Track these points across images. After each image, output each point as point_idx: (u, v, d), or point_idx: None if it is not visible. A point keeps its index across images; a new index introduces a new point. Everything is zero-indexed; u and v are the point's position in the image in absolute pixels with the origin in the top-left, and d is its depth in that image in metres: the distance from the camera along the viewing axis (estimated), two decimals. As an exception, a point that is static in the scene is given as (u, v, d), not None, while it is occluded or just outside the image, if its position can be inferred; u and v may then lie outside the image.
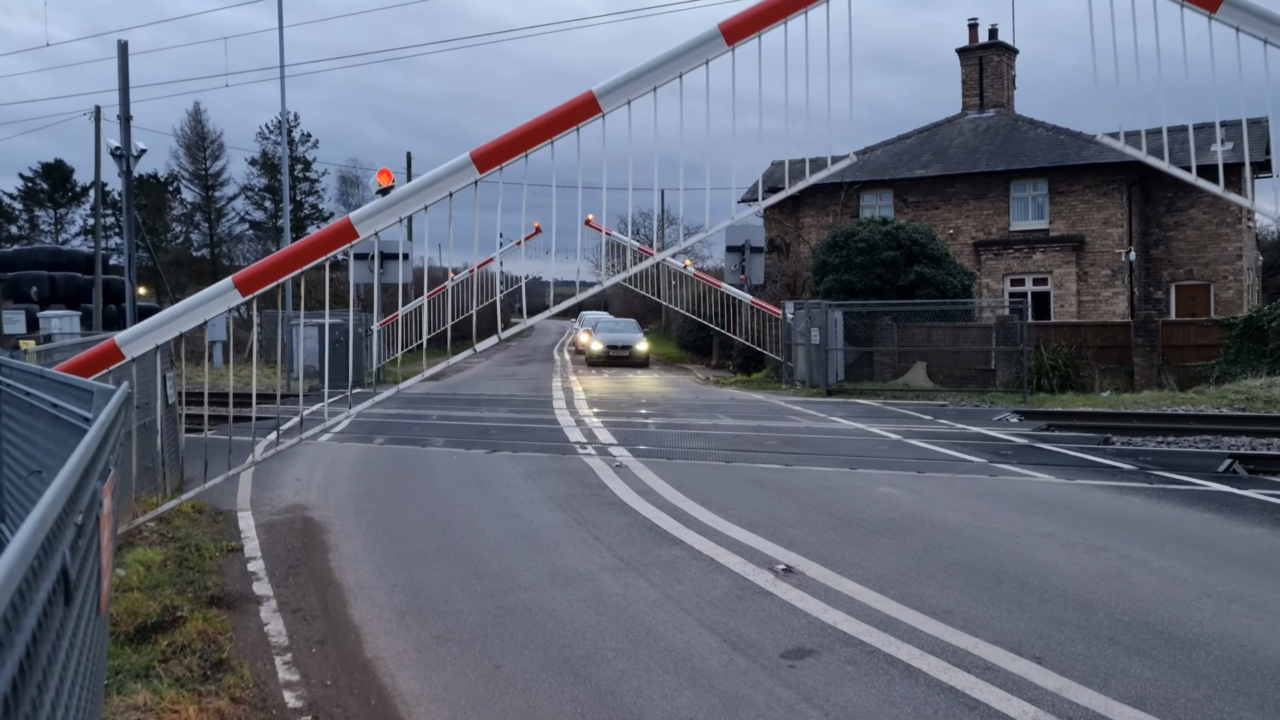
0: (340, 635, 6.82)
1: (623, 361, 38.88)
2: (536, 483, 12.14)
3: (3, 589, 1.22)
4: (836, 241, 29.02)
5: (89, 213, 74.14)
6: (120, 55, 32.90)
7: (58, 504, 1.78)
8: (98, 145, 38.65)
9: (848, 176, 37.44)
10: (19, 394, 4.83)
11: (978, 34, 38.06)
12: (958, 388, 23.80)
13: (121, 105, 32.91)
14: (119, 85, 32.91)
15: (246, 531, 9.85)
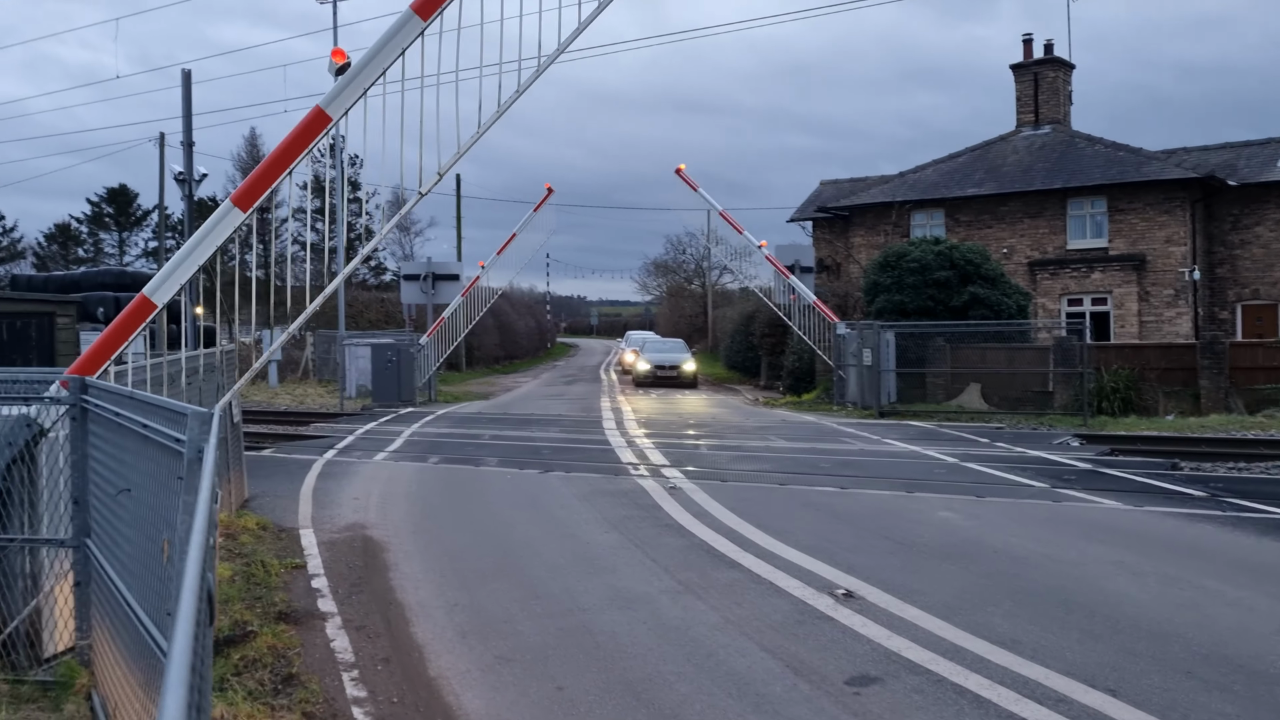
0: (404, 653, 6.86)
1: (670, 382, 38.57)
2: (591, 504, 12.16)
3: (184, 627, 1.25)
4: (888, 261, 28.85)
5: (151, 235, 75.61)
6: (184, 84, 33.57)
7: (207, 532, 1.82)
8: (161, 170, 39.47)
9: (898, 196, 37.26)
10: (108, 414, 4.93)
11: (1032, 49, 37.77)
12: (1014, 410, 23.51)
13: (185, 131, 33.57)
14: (182, 112, 33.57)
15: (309, 549, 9.95)
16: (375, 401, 29.31)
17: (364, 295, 55.45)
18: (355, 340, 33.34)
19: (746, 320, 42.74)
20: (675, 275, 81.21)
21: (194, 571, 1.51)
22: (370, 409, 27.86)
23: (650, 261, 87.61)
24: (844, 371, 27.26)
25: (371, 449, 17.95)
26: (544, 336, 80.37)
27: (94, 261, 72.52)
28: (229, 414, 10.82)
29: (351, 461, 16.34)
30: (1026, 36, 38.05)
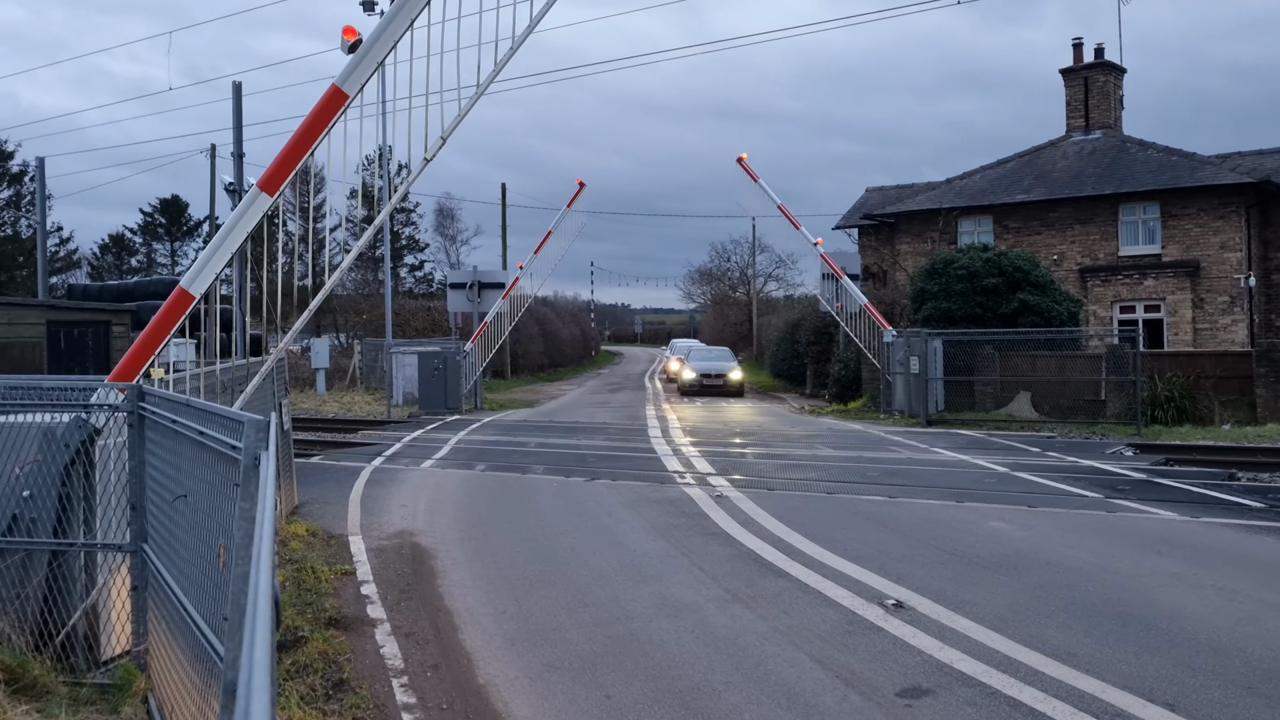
0: (453, 660, 6.89)
1: (716, 391, 38.08)
2: (637, 511, 12.15)
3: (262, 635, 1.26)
4: (935, 269, 28.60)
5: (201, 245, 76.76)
6: (235, 96, 34.05)
7: (272, 539, 1.84)
8: (212, 181, 40.07)
9: (946, 202, 36.95)
10: (164, 420, 4.99)
11: (1082, 53, 37.32)
12: (1065, 419, 23.20)
13: (235, 143, 34.03)
14: (233, 124, 34.03)
15: (358, 555, 10.03)
16: (422, 409, 29.51)
17: (410, 304, 55.94)
18: (402, 348, 33.61)
19: (792, 328, 42.59)
20: (720, 283, 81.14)
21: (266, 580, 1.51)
22: (417, 416, 28.06)
23: (694, 269, 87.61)
24: (890, 379, 27.05)
25: (419, 456, 18.08)
26: (588, 344, 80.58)
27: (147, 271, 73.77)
28: (280, 421, 10.93)
29: (399, 469, 16.46)
30: (1076, 40, 37.63)
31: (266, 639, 1.41)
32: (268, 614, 1.41)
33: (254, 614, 1.37)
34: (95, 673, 5.91)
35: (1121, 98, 38.00)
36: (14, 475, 5.97)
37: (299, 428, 21.67)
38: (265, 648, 1.38)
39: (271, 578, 1.61)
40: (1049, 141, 38.00)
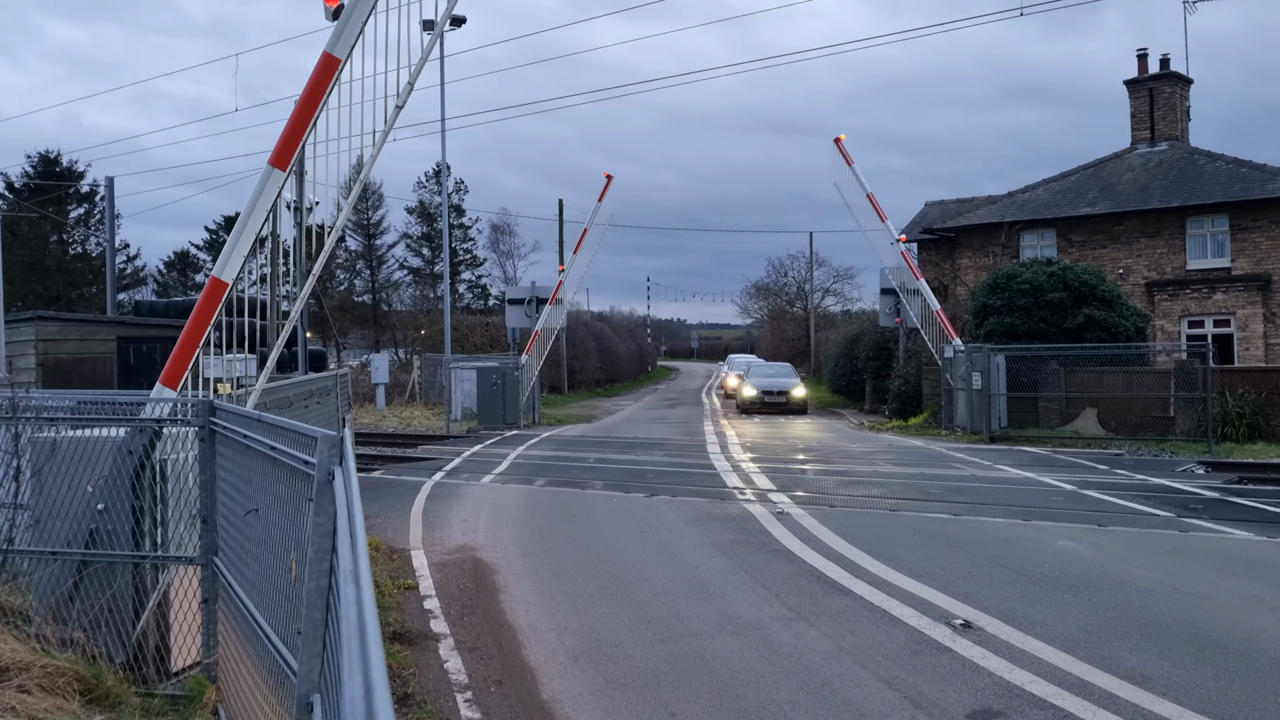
0: (516, 676, 6.89)
1: (778, 409, 37.05)
2: (698, 528, 12.10)
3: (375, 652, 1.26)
4: (998, 283, 28.22)
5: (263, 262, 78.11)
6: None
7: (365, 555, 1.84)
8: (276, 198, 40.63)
9: (1008, 216, 36.48)
10: (235, 436, 5.06)
11: (1147, 64, 36.71)
12: (1133, 436, 22.73)
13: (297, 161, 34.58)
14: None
15: (420, 570, 10.08)
16: (480, 424, 29.69)
17: (469, 319, 56.38)
18: (461, 364, 33.85)
19: (850, 343, 42.26)
20: (777, 298, 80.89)
21: (369, 596, 1.50)
22: (476, 431, 28.24)
23: (751, 284, 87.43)
24: (952, 395, 26.72)
25: (479, 471, 18.17)
26: (644, 359, 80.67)
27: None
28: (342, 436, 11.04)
29: (459, 483, 16.55)
30: (1141, 51, 37.01)
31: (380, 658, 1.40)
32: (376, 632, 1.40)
33: (363, 633, 1.36)
34: (166, 684, 5.98)
35: (1188, 109, 37.29)
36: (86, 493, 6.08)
37: (361, 442, 21.91)
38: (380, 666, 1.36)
39: (371, 591, 1.60)
40: (1114, 154, 37.40)
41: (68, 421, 6.27)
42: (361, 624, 1.43)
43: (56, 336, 21.17)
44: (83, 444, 6.08)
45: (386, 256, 75.96)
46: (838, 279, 76.54)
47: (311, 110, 8.63)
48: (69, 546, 6.14)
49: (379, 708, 1.19)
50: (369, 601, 1.54)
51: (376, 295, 74.78)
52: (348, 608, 1.55)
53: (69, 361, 20.11)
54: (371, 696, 1.22)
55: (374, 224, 74.60)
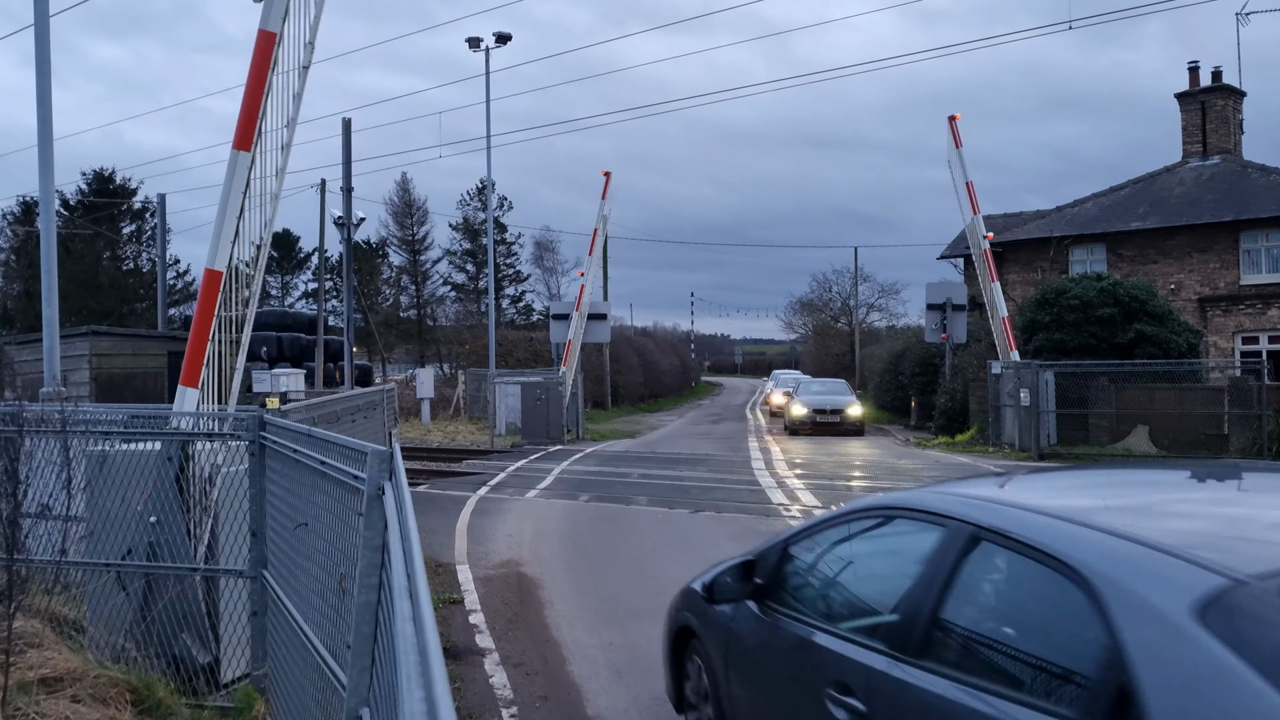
0: (562, 692, 6.88)
1: (831, 429, 33.31)
2: (743, 544, 12.02)
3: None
4: (1046, 299, 27.91)
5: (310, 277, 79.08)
6: (344, 132, 35.06)
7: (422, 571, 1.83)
8: (322, 215, 41.21)
9: (1056, 231, 36.10)
10: (285, 450, 5.10)
11: (1198, 77, 36.21)
12: (1185, 454, 22.34)
13: (345, 178, 35.02)
14: (342, 159, 35.04)
15: (465, 585, 10.11)
16: (525, 439, 29.78)
17: (512, 334, 56.66)
18: (505, 379, 34.01)
19: (895, 359, 41.93)
20: (821, 313, 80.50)
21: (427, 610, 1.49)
22: (520, 446, 28.32)
23: (795, 300, 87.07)
24: (1000, 411, 26.42)
25: (523, 486, 18.21)
26: (688, 375, 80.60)
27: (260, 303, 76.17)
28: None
29: (504, 498, 16.60)
30: (1192, 64, 36.53)
31: (443, 674, 1.39)
32: (437, 646, 1.39)
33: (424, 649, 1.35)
34: (216, 695, 6.04)
35: (1241, 121, 36.75)
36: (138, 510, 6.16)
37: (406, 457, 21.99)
38: (443, 682, 1.35)
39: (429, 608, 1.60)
40: (1164, 167, 36.91)
41: (118, 436, 6.36)
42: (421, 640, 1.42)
43: (109, 351, 21.57)
44: (133, 457, 6.16)
45: (431, 272, 76.64)
46: (883, 294, 76.11)
47: (260, 89, 8.51)
48: (120, 558, 6.22)
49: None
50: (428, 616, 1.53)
51: (421, 311, 75.43)
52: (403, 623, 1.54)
53: (121, 376, 20.46)
54: (436, 713, 1.21)
55: (419, 240, 75.33)
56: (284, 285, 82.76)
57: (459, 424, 37.69)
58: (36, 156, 11.05)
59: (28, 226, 55.69)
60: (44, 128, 10.91)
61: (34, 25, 10.64)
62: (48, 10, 10.71)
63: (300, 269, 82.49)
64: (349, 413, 10.86)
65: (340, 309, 52.67)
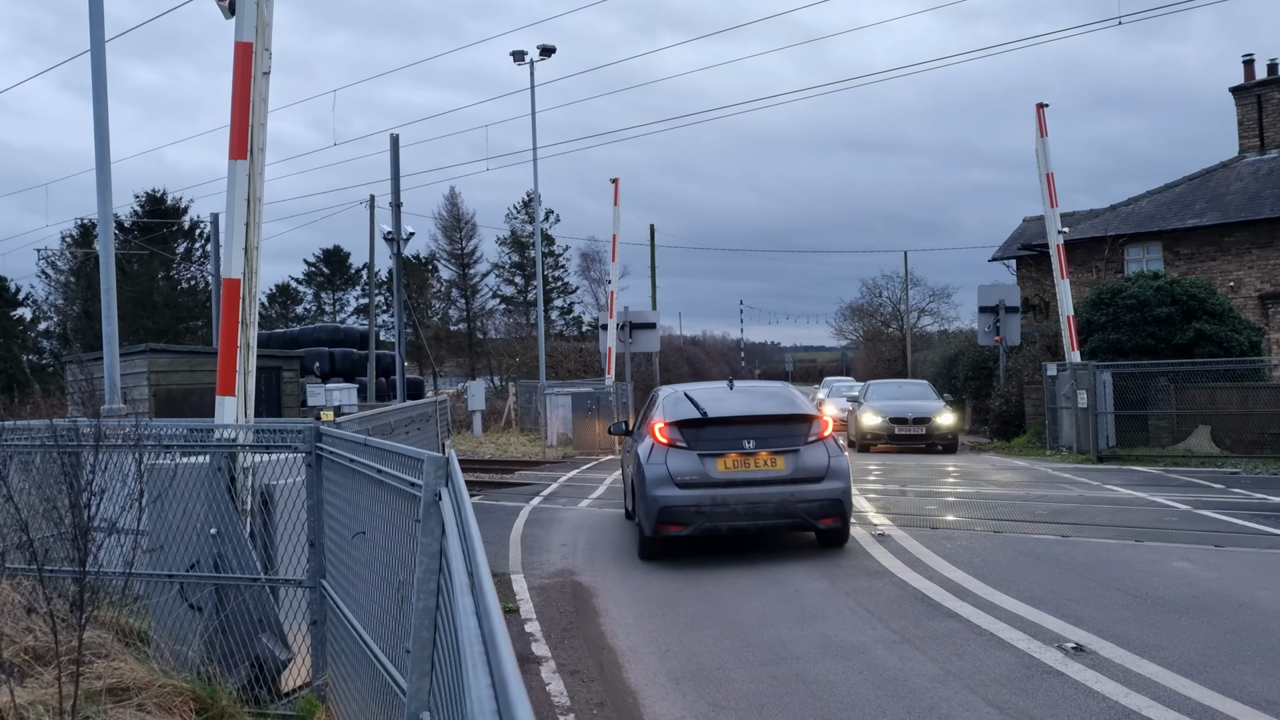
0: (619, 699, 6.88)
1: (915, 442, 27.04)
2: (798, 540, 12.00)
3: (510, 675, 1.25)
4: (1102, 299, 27.50)
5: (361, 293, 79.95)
6: (392, 148, 35.46)
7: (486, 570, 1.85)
8: (372, 230, 41.69)
9: (1111, 230, 35.57)
10: (342, 460, 5.16)
11: (1254, 70, 35.54)
12: (1250, 454, 21.88)
13: (393, 193, 35.40)
14: (391, 175, 35.43)
15: (520, 594, 10.16)
16: (576, 449, 29.87)
17: (562, 346, 56.88)
18: (555, 389, 34.14)
19: (948, 363, 41.51)
20: (871, 319, 79.96)
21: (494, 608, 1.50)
22: (571, 457, 28.41)
23: (845, 305, 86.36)
24: (1056, 414, 26.05)
25: (575, 496, 18.26)
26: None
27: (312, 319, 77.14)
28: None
29: (557, 508, 16.66)
30: (1247, 57, 35.89)
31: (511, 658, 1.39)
32: (504, 633, 1.39)
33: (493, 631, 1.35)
34: (278, 704, 6.12)
35: (1299, 114, 35.98)
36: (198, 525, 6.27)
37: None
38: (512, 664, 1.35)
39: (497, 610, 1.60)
40: (1221, 163, 36.25)
41: (183, 449, 6.48)
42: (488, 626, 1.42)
43: (168, 368, 21.99)
44: (193, 470, 6.27)
45: (480, 286, 77.23)
46: (934, 298, 75.46)
47: (246, 98, 8.55)
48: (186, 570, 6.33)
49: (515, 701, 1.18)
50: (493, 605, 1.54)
51: (471, 324, 76.00)
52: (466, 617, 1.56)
53: (179, 392, 20.83)
54: (507, 689, 1.21)
55: (468, 253, 75.94)
56: (335, 301, 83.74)
57: (510, 435, 37.88)
58: (95, 179, 11.31)
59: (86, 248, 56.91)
60: (101, 150, 11.16)
61: (90, 52, 10.90)
62: (103, 36, 10.96)
63: (351, 284, 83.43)
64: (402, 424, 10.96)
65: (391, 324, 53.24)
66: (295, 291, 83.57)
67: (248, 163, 7.79)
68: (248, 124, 7.88)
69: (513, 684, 1.21)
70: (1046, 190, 28.16)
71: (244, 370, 7.42)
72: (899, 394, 29.17)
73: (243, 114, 7.92)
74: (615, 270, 35.12)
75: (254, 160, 7.60)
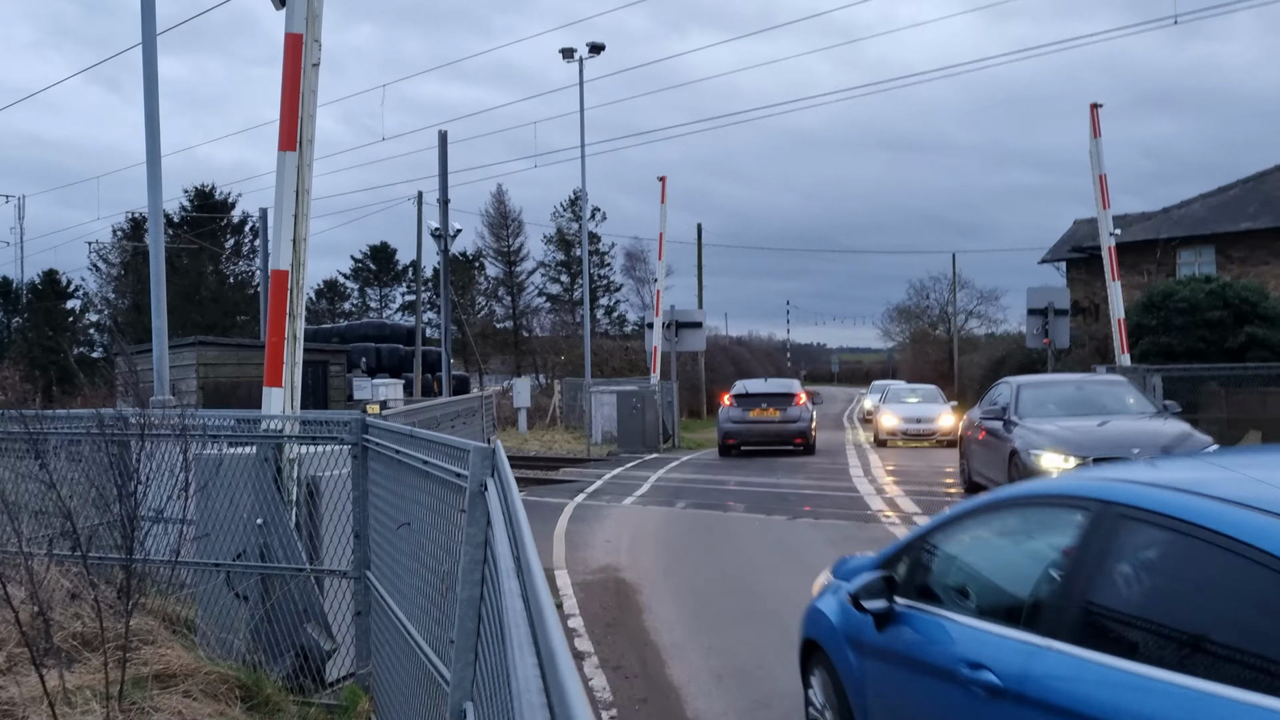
0: (661, 694, 6.86)
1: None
2: (841, 550, 11.84)
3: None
4: (1152, 302, 27.07)
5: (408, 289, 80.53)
6: (440, 145, 35.64)
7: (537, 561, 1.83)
8: (419, 226, 41.97)
9: (1162, 233, 35.01)
10: (388, 451, 5.18)
11: (1312, 73, 34.88)
12: (1303, 460, 21.39)
13: (440, 190, 35.58)
14: (439, 172, 35.61)
15: (564, 589, 10.16)
16: (620, 447, 29.87)
17: (607, 344, 57.01)
18: (600, 387, 34.17)
19: (995, 365, 41.07)
20: (918, 320, 79.32)
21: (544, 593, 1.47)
22: (616, 454, 28.41)
23: (892, 307, 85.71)
24: (1105, 417, 25.59)
25: (619, 493, 18.25)
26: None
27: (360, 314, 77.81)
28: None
29: (601, 505, 16.66)
30: (1306, 56, 35.15)
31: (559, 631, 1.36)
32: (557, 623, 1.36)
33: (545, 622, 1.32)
34: (322, 693, 6.15)
35: (1360, 114, 35.21)
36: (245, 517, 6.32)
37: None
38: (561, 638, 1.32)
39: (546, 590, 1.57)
40: (1275, 165, 35.54)
41: (230, 439, 6.53)
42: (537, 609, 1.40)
43: (215, 361, 22.28)
44: (243, 460, 6.32)
45: (526, 283, 77.49)
46: (982, 300, 74.68)
47: (296, 90, 8.52)
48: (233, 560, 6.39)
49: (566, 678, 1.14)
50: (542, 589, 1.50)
51: (517, 322, 76.31)
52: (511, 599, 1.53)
53: (227, 385, 21.09)
54: (556, 666, 1.17)
55: (514, 251, 76.23)
56: (382, 298, 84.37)
57: (555, 433, 37.97)
58: (142, 174, 11.44)
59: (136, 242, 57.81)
60: (152, 144, 11.30)
61: (141, 46, 11.04)
62: (154, 30, 11.09)
63: (398, 281, 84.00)
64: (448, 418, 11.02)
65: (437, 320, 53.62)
66: (342, 288, 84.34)
67: (296, 155, 7.83)
68: (297, 116, 7.92)
69: (561, 659, 1.18)
70: (1099, 191, 27.62)
71: (291, 362, 7.46)
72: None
73: (292, 105, 7.96)
74: (661, 269, 35.13)
75: (303, 152, 7.65)
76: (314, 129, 8.11)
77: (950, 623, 3.99)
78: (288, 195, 7.90)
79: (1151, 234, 35.36)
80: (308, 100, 7.91)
